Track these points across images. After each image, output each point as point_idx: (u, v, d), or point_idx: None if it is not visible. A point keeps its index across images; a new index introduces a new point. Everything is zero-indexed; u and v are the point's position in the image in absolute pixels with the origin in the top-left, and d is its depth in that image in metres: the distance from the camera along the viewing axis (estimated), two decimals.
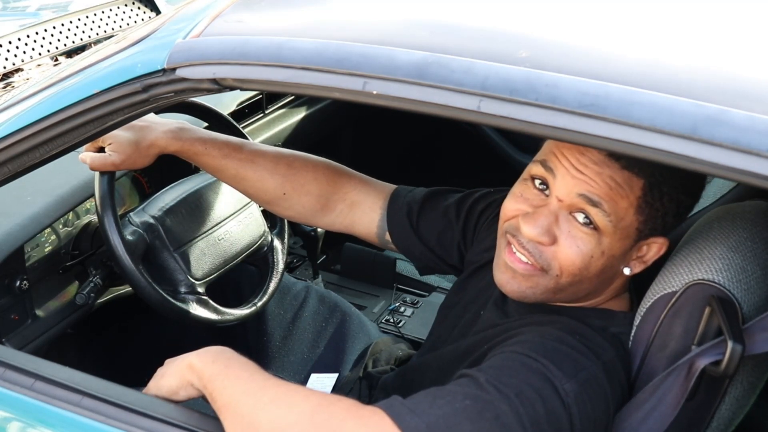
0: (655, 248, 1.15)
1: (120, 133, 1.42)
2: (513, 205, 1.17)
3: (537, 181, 1.15)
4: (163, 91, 1.10)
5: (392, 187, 1.51)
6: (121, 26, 2.35)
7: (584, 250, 1.10)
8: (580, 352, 1.08)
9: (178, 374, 1.15)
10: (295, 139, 2.40)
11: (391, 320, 2.21)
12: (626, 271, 1.16)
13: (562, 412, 1.01)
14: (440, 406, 0.99)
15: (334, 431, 0.98)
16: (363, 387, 1.54)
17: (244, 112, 2.21)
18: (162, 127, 1.45)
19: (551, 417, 1.00)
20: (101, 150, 1.45)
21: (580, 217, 1.10)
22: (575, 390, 1.03)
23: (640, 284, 1.23)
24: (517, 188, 1.19)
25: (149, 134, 1.44)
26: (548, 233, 1.11)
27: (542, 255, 1.13)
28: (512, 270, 1.16)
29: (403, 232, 1.46)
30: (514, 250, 1.16)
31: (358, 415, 0.99)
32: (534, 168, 1.15)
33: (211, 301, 1.67)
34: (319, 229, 2.18)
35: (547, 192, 1.14)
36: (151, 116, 1.49)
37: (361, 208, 1.49)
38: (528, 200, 1.15)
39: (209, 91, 1.09)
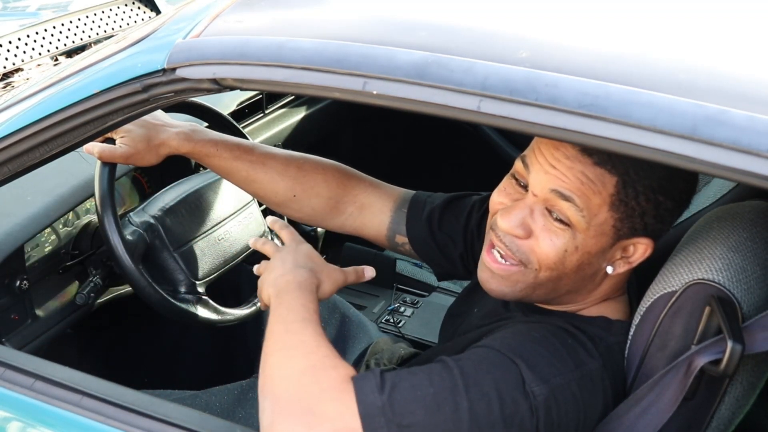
0: (641, 249, 1.14)
1: (133, 128, 1.43)
2: (497, 198, 1.19)
3: (517, 177, 1.17)
4: (163, 91, 1.10)
5: (401, 190, 1.51)
6: (121, 26, 2.35)
7: (558, 244, 1.11)
8: (559, 357, 1.09)
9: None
10: (295, 139, 2.40)
11: (391, 320, 2.21)
12: (609, 269, 1.15)
13: (529, 415, 1.03)
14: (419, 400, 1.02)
15: (312, 399, 1.03)
16: None
17: (244, 112, 2.21)
18: (175, 128, 1.46)
19: (515, 419, 1.03)
20: (110, 142, 1.45)
21: (555, 213, 1.11)
22: (545, 394, 1.04)
23: (640, 284, 1.23)
24: (503, 182, 1.20)
25: (162, 133, 1.45)
26: (522, 227, 1.12)
27: (519, 249, 1.13)
28: (489, 270, 1.18)
29: (423, 239, 1.46)
30: (494, 243, 1.17)
31: (340, 389, 1.03)
32: (516, 164, 1.17)
33: (211, 301, 1.67)
34: (319, 229, 2.17)
35: (527, 187, 1.15)
36: (165, 116, 1.50)
37: (371, 211, 1.49)
38: (510, 194, 1.17)
39: (209, 91, 1.09)
